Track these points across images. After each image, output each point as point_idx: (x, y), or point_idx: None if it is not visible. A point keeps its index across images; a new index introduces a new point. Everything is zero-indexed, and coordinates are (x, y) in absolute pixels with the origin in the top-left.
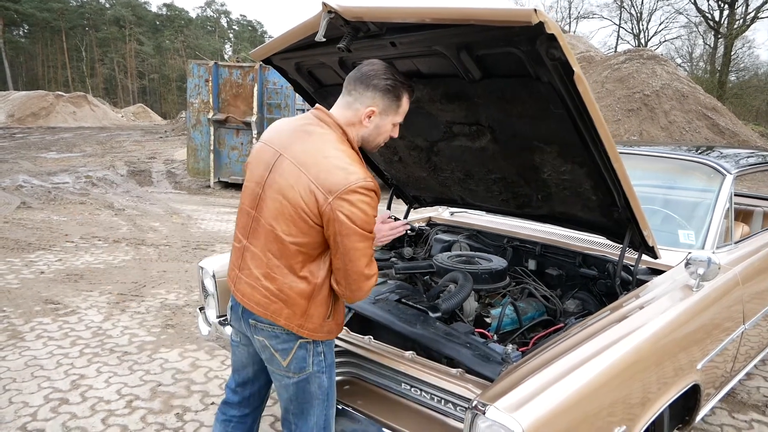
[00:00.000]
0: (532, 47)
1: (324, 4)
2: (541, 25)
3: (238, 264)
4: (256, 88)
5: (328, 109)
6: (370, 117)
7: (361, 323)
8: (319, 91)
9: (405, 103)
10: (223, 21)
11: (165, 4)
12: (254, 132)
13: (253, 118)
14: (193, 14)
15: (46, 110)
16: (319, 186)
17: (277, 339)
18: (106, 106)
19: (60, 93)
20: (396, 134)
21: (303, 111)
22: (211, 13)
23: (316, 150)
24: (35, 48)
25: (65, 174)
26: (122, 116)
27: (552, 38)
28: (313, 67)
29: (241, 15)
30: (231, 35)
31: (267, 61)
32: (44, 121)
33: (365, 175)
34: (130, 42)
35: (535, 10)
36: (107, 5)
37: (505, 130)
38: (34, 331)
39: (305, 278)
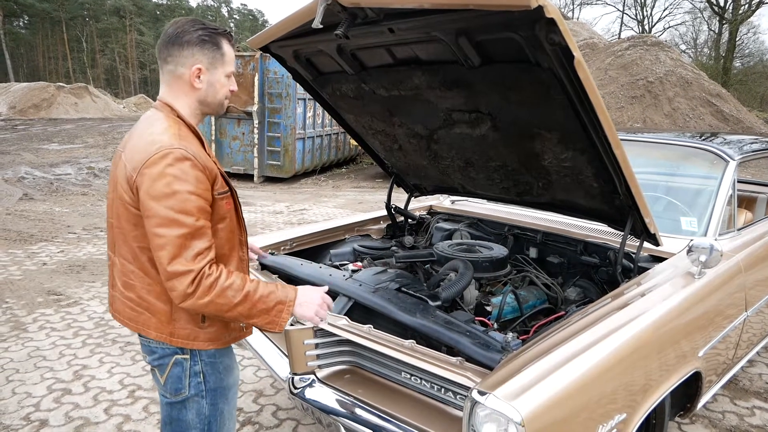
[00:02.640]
0: (531, 32)
1: None
2: (540, 9)
3: (111, 282)
4: (256, 78)
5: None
6: (199, 76)
7: (361, 312)
8: (318, 79)
9: (228, 50)
10: (224, 10)
11: None
12: (255, 122)
13: (254, 108)
14: (193, 3)
15: (48, 102)
16: (129, 167)
17: (154, 354)
18: (108, 97)
19: (61, 84)
20: (235, 87)
21: (304, 101)
22: (212, 2)
23: (139, 135)
24: (36, 39)
25: (67, 165)
26: (124, 107)
27: (552, 23)
28: (311, 54)
29: (241, 4)
30: (232, 25)
31: (265, 49)
32: (46, 113)
33: (172, 141)
34: (130, 32)
35: None
36: None
37: (505, 117)
38: (36, 322)
39: (155, 275)
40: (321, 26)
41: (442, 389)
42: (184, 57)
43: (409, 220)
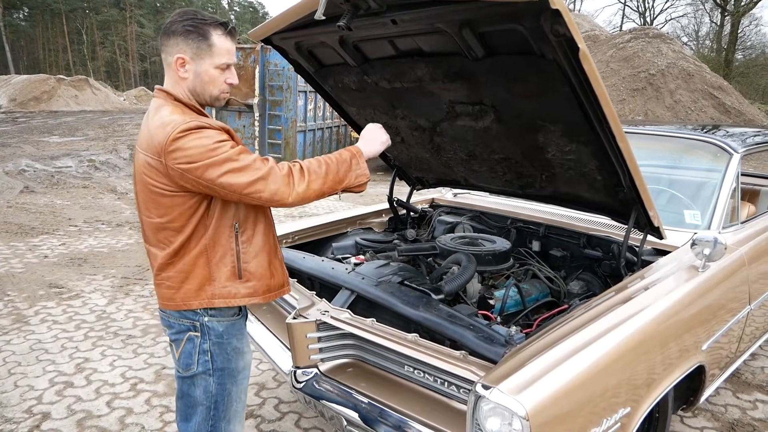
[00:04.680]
0: (536, 23)
1: None
2: None
3: (153, 275)
4: (257, 70)
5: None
6: (183, 66)
7: (363, 306)
8: (320, 71)
9: (218, 41)
10: (224, 2)
11: None
12: (256, 114)
13: (255, 101)
14: None
15: (48, 94)
16: (150, 155)
17: (171, 329)
18: (108, 90)
19: (61, 76)
20: (234, 80)
21: (305, 93)
22: None
23: (148, 125)
24: (36, 31)
25: (68, 158)
26: (124, 99)
27: (557, 14)
28: (314, 46)
29: None
30: (232, 17)
31: (266, 41)
32: (46, 105)
33: (184, 117)
34: (130, 24)
35: None
36: None
37: (508, 109)
38: (38, 315)
39: (193, 247)
40: (323, 18)
41: (446, 383)
42: (170, 46)
43: (412, 213)
